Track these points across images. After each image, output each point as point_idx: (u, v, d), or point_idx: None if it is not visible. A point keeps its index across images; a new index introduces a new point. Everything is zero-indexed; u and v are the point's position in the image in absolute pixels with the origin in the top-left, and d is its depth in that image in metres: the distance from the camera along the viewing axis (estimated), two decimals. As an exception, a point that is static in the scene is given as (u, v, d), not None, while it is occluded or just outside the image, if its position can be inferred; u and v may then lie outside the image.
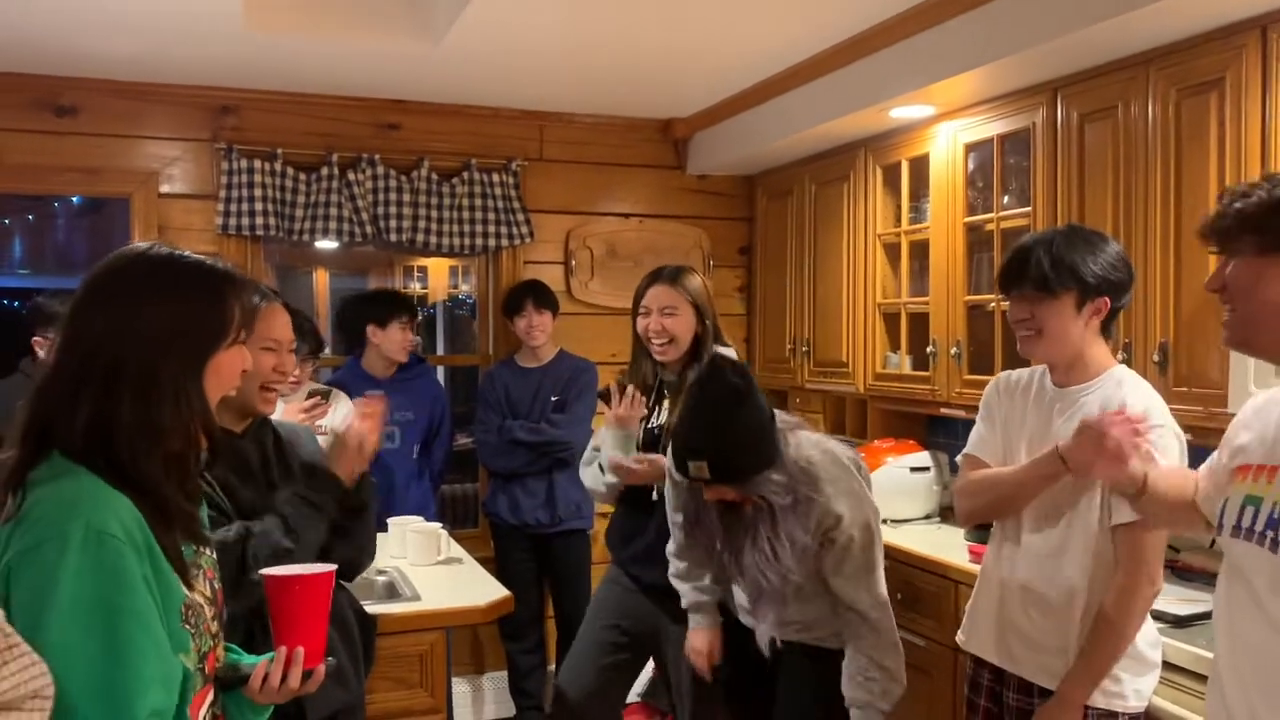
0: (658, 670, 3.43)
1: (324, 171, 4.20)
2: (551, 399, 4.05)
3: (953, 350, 3.50)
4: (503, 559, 4.12)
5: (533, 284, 4.23)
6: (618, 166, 4.72)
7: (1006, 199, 3.35)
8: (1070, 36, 2.71)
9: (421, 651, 2.77)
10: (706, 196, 4.87)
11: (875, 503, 2.42)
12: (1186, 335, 2.67)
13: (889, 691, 2.36)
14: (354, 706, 2.35)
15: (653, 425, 2.99)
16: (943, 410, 3.65)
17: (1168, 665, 2.24)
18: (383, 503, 3.89)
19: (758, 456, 2.23)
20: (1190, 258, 2.64)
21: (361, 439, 2.18)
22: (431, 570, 3.15)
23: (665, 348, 2.92)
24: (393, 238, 4.32)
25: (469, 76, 3.98)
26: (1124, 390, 2.11)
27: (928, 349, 3.62)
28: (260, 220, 4.10)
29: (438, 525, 3.34)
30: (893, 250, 3.92)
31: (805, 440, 2.38)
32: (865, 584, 2.36)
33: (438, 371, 5.68)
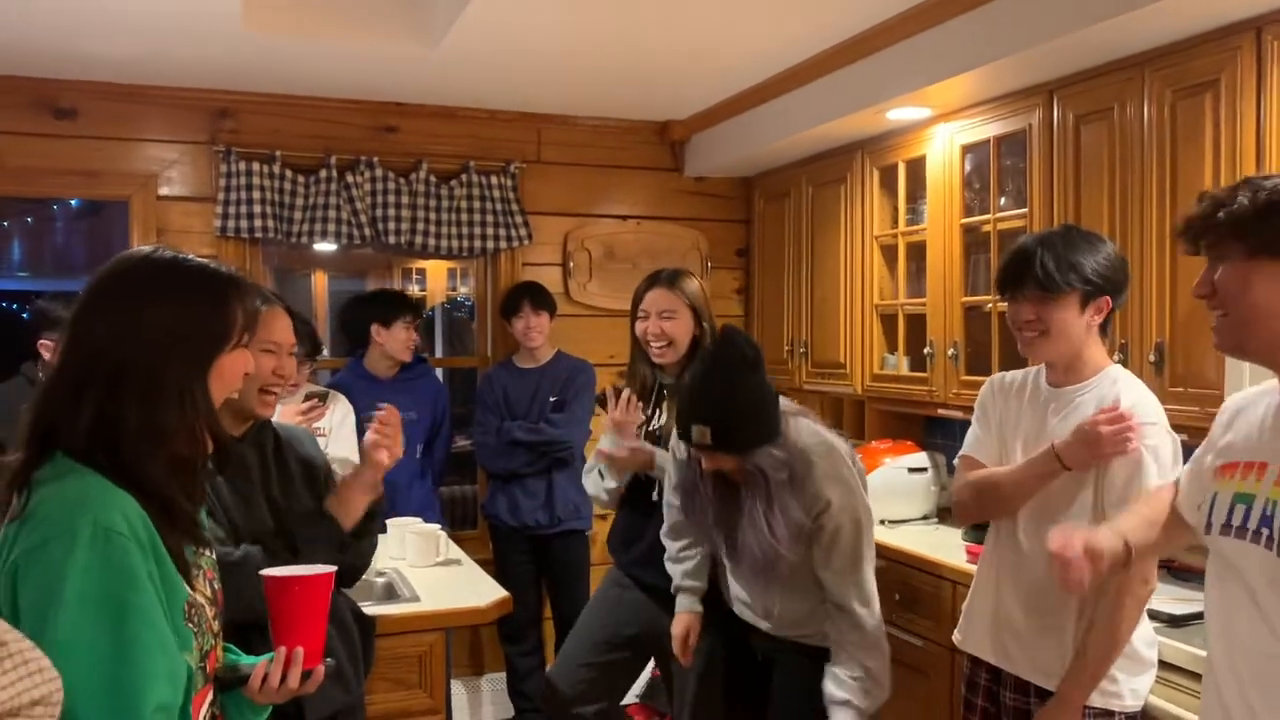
0: (657, 672, 3.44)
1: (322, 174, 4.21)
2: (550, 399, 4.06)
3: (950, 351, 3.51)
4: (502, 560, 4.13)
5: (529, 285, 4.24)
6: (615, 168, 4.73)
7: (1003, 200, 3.36)
8: (1066, 38, 2.72)
9: (420, 652, 2.77)
10: (704, 198, 4.88)
11: (869, 504, 2.42)
12: (1182, 336, 2.68)
13: (870, 693, 2.33)
14: (353, 707, 2.35)
15: (654, 428, 3.00)
16: (940, 411, 3.66)
17: (1164, 664, 2.25)
18: (386, 503, 3.91)
19: (760, 428, 2.26)
20: (1186, 259, 2.64)
21: (379, 460, 2.15)
22: (430, 571, 3.15)
23: (664, 350, 2.92)
24: (391, 240, 4.32)
25: (467, 79, 3.99)
26: (1118, 389, 2.13)
27: (925, 350, 3.63)
28: (259, 223, 4.11)
29: (436, 527, 3.34)
30: (890, 252, 3.92)
31: (805, 426, 2.40)
32: (853, 580, 2.36)
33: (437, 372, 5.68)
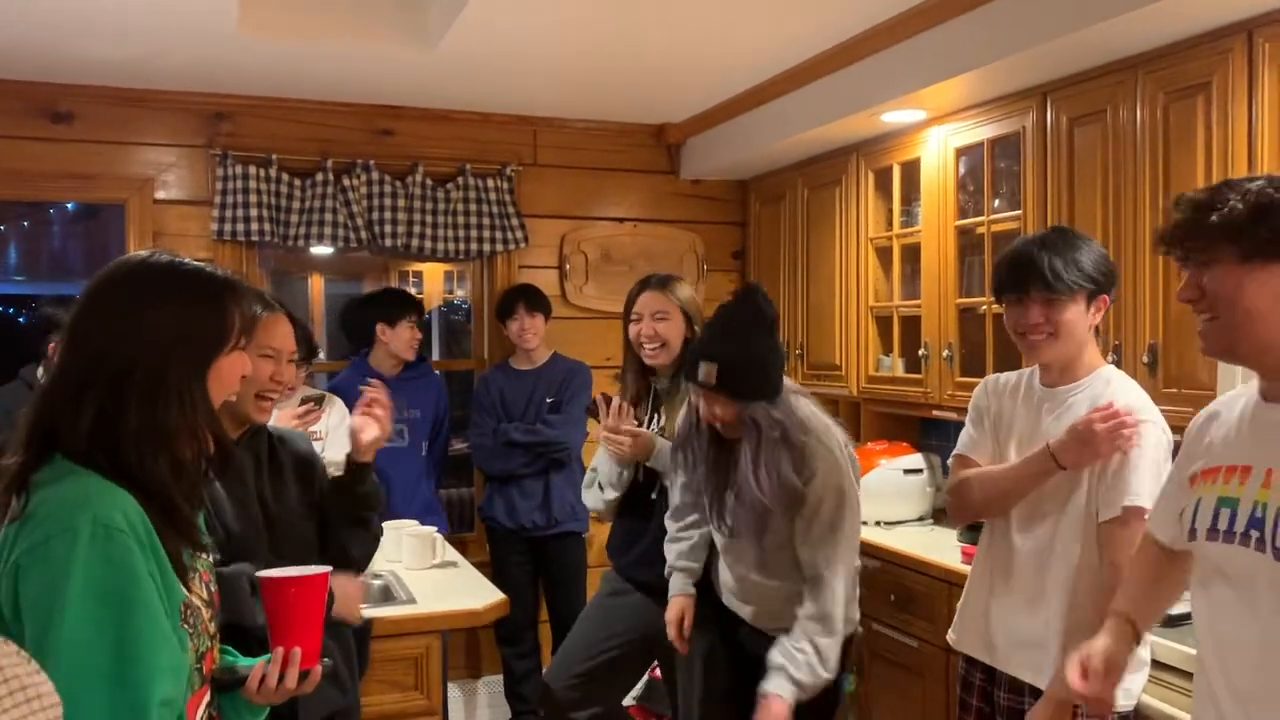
0: (655, 674, 3.44)
1: (319, 177, 4.21)
2: (546, 401, 4.06)
3: (944, 353, 3.52)
4: (499, 563, 4.13)
5: (524, 288, 4.24)
6: (612, 171, 4.74)
7: (997, 202, 3.37)
8: (1059, 41, 2.73)
9: (417, 655, 2.78)
10: (700, 201, 4.89)
11: (858, 492, 2.45)
12: (1176, 337, 2.69)
13: (811, 668, 2.33)
14: (349, 709, 2.36)
15: (654, 432, 3.00)
16: (935, 412, 3.67)
17: (1156, 664, 2.26)
18: (390, 501, 3.92)
19: (763, 382, 2.34)
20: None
21: (363, 441, 2.29)
22: (427, 574, 3.16)
23: (657, 352, 2.94)
24: (388, 243, 4.33)
25: (463, 82, 4.00)
26: (1112, 388, 2.14)
27: (920, 352, 3.64)
28: (255, 226, 4.11)
29: (433, 529, 3.35)
30: (885, 254, 3.94)
31: (804, 404, 2.47)
32: (826, 553, 2.38)
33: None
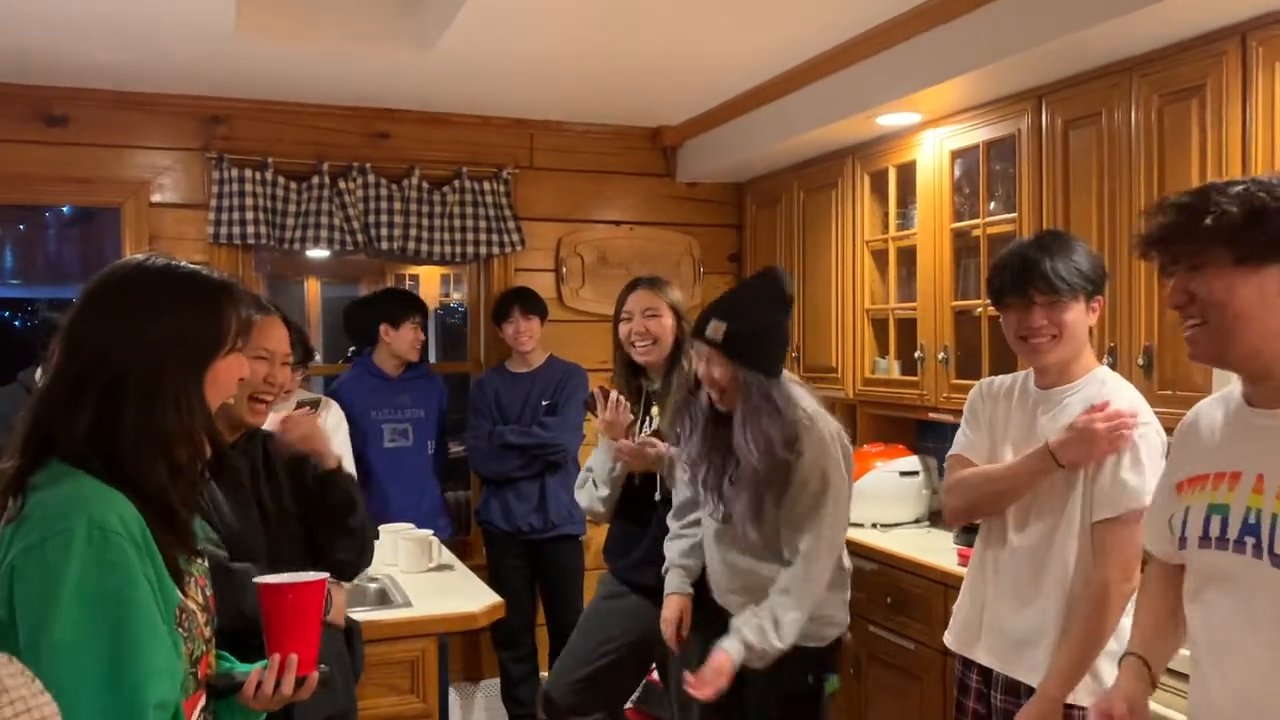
0: (652, 676, 3.44)
1: (315, 180, 4.22)
2: (542, 403, 4.07)
3: (940, 355, 3.52)
4: (495, 566, 4.12)
5: (520, 290, 4.25)
6: (608, 174, 4.75)
7: (992, 205, 3.37)
8: (1054, 44, 2.74)
9: (413, 658, 2.78)
10: (696, 204, 4.90)
11: (848, 480, 2.47)
12: (1171, 339, 2.69)
13: (764, 633, 2.37)
14: (345, 713, 2.36)
15: (646, 434, 3.01)
16: (931, 415, 3.67)
17: (1153, 665, 2.26)
18: (398, 501, 3.94)
19: (764, 353, 2.40)
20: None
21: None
22: (423, 577, 3.16)
23: (649, 349, 2.96)
24: (384, 246, 4.33)
25: (459, 85, 4.00)
26: (1107, 389, 2.16)
27: (915, 354, 3.64)
28: (251, 229, 4.11)
29: (429, 532, 3.35)
30: (880, 256, 3.94)
31: (801, 392, 2.51)
32: (805, 533, 2.41)
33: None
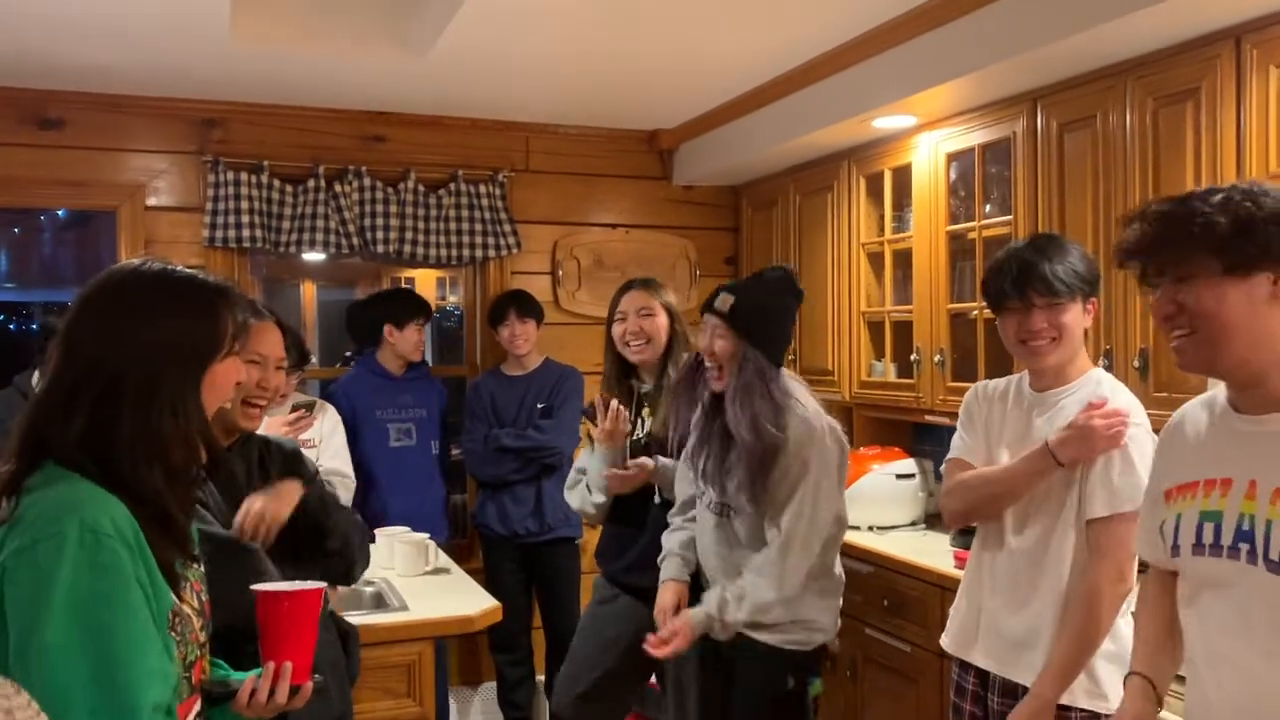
0: (651, 681, 3.44)
1: (310, 183, 4.21)
2: (538, 406, 4.06)
3: (936, 358, 3.52)
4: (492, 569, 4.12)
5: (516, 294, 4.24)
6: (604, 177, 4.75)
7: (988, 208, 3.38)
8: (1049, 47, 2.74)
9: (409, 661, 2.77)
10: (692, 207, 4.90)
11: (835, 475, 2.49)
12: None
13: (723, 604, 2.45)
14: (340, 718, 2.35)
15: (638, 436, 3.01)
16: (927, 418, 3.67)
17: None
18: (401, 502, 3.94)
19: (767, 334, 2.47)
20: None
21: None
22: (419, 580, 3.15)
23: (643, 348, 2.97)
24: (380, 249, 4.33)
25: (455, 88, 4.00)
26: (1102, 391, 2.16)
27: (912, 357, 3.65)
28: (247, 232, 4.11)
29: (425, 536, 3.34)
30: (876, 259, 3.94)
31: (800, 389, 2.55)
32: (782, 518, 2.44)
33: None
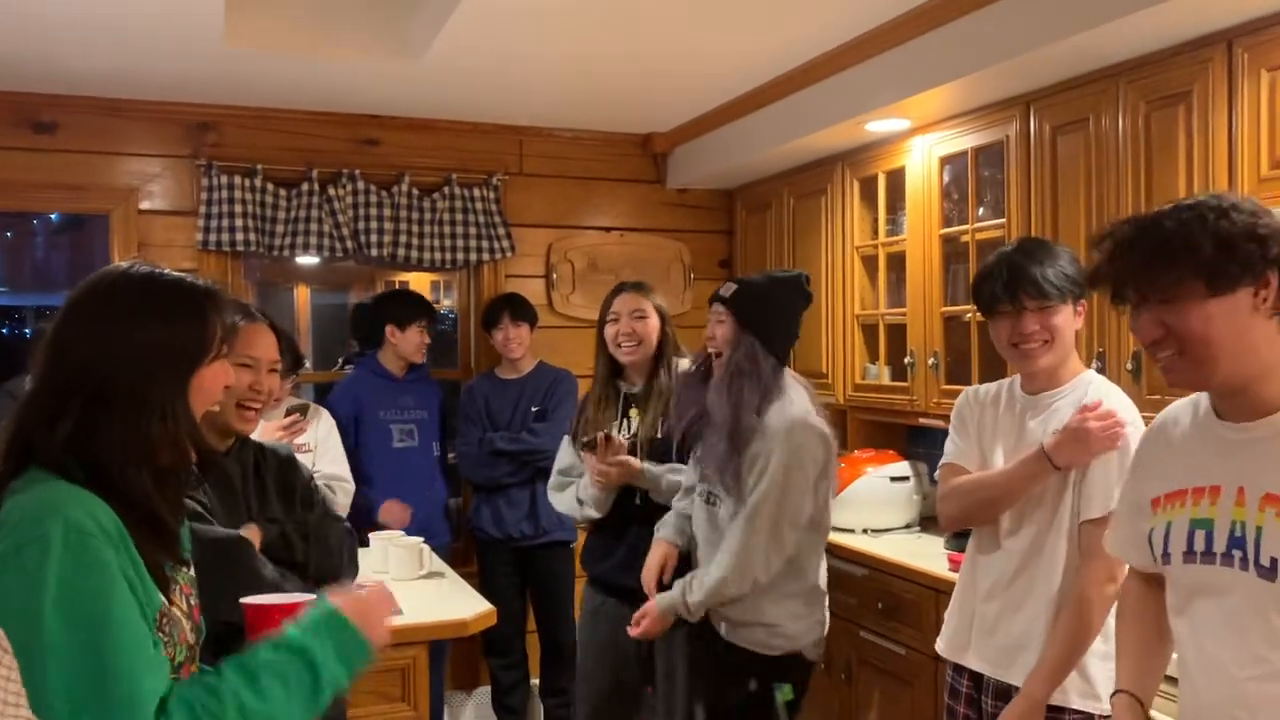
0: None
1: (304, 187, 4.21)
2: (532, 410, 4.06)
3: (930, 361, 3.53)
4: (486, 573, 4.11)
5: (510, 297, 4.24)
6: (598, 180, 4.75)
7: (981, 211, 3.39)
8: (1042, 50, 2.75)
9: (403, 665, 2.76)
10: (687, 210, 4.90)
11: (802, 471, 2.51)
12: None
13: (687, 591, 2.55)
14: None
15: (626, 437, 3.01)
16: (921, 420, 3.68)
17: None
18: (405, 503, 3.94)
19: (770, 325, 2.52)
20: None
21: None
22: (413, 584, 3.14)
23: (634, 349, 3.01)
24: (374, 253, 4.33)
25: (448, 92, 4.00)
26: (1096, 392, 2.17)
27: (906, 360, 3.65)
28: (240, 236, 4.10)
29: (419, 539, 3.34)
30: (870, 262, 3.95)
31: (798, 389, 2.58)
32: (751, 512, 2.48)
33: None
